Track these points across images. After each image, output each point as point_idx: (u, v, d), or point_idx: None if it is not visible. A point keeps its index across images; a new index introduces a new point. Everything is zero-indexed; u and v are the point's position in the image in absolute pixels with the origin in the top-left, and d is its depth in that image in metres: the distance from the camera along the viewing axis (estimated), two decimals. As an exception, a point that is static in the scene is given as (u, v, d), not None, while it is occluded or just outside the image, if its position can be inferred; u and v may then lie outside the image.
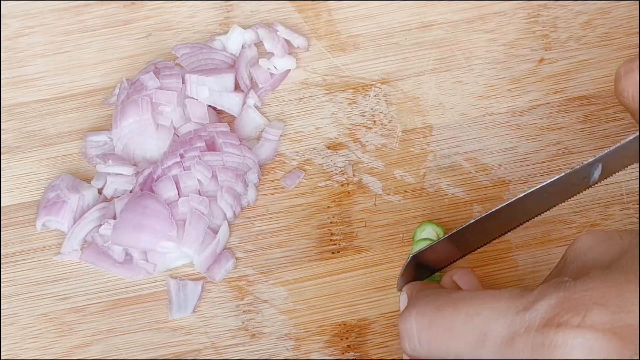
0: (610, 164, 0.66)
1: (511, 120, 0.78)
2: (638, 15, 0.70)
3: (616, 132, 0.77)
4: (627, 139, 0.64)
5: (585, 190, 0.67)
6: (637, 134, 0.64)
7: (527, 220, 0.68)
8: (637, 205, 0.74)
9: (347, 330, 0.71)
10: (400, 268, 0.67)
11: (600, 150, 0.65)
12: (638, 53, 0.70)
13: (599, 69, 0.80)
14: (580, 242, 0.61)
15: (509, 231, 0.68)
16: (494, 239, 0.68)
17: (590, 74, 0.80)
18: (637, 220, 0.73)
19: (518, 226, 0.67)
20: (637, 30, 0.81)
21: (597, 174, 0.66)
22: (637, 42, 0.81)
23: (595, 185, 0.66)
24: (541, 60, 0.81)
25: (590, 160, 0.64)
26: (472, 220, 0.65)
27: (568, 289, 0.55)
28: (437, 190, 0.76)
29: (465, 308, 0.58)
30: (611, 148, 0.64)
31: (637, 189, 0.74)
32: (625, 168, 0.67)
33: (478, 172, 0.76)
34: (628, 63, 0.64)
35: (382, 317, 0.71)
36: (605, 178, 0.66)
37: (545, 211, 0.67)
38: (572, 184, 0.66)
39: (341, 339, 0.71)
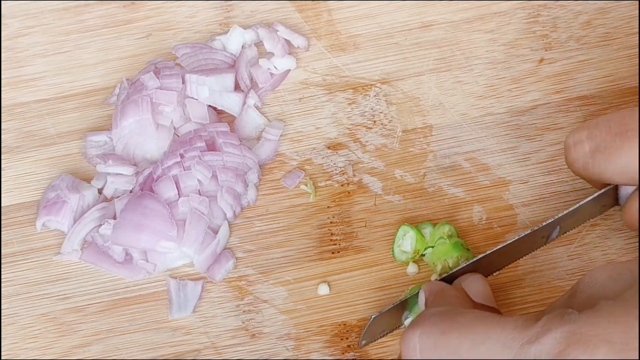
0: (567, 225, 0.70)
1: (511, 120, 0.78)
2: (638, 15, 0.70)
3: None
4: (581, 203, 0.68)
5: (542, 246, 0.71)
6: (587, 199, 0.68)
7: (489, 274, 0.71)
8: (637, 205, 0.74)
9: (347, 330, 0.71)
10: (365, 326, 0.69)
11: (558, 212, 0.68)
12: (638, 53, 0.70)
13: (599, 69, 0.80)
14: (593, 276, 0.59)
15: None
16: None
17: (591, 74, 0.80)
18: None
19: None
20: (637, 30, 0.81)
21: (555, 234, 0.70)
22: (637, 42, 0.81)
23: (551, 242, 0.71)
24: (541, 60, 0.81)
25: (550, 221, 0.68)
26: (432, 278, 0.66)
27: (574, 322, 0.54)
28: (437, 190, 0.76)
29: (471, 335, 0.57)
30: (568, 210, 0.68)
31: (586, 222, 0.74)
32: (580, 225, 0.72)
33: (478, 172, 0.76)
34: (575, 134, 0.66)
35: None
36: (562, 234, 0.71)
37: (504, 267, 0.72)
38: (532, 242, 0.70)
39: (341, 339, 0.71)
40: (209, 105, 0.80)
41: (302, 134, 0.80)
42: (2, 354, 0.72)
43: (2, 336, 0.73)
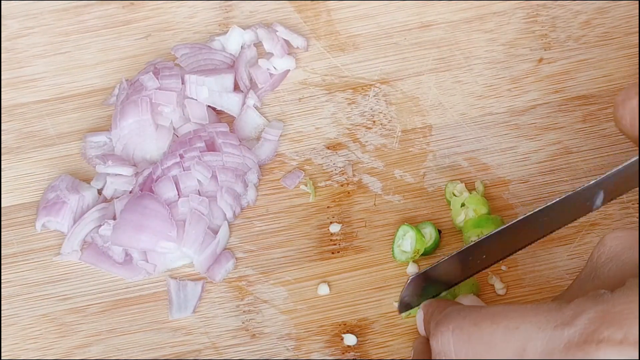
0: (612, 189, 0.66)
1: (511, 119, 0.78)
2: (638, 14, 0.70)
3: (616, 132, 0.77)
4: (627, 162, 0.64)
5: (587, 214, 0.67)
6: (637, 157, 0.64)
7: (529, 244, 0.68)
8: (637, 205, 0.74)
9: (347, 330, 0.71)
10: (401, 290, 0.68)
11: (600, 175, 0.65)
12: (638, 53, 0.70)
13: (598, 68, 0.80)
14: (609, 242, 0.60)
15: (510, 255, 0.68)
16: (495, 262, 0.68)
17: (590, 74, 0.80)
18: (637, 219, 0.73)
19: (519, 250, 0.68)
20: (636, 29, 0.81)
21: (599, 200, 0.66)
22: (636, 41, 0.81)
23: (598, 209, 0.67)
24: (540, 60, 0.81)
25: (592, 183, 0.64)
26: (471, 243, 0.65)
27: (606, 302, 0.54)
28: (437, 190, 0.76)
29: (504, 322, 0.57)
30: (612, 171, 0.64)
31: (637, 188, 0.74)
32: (627, 192, 0.67)
33: (478, 172, 0.77)
34: (625, 91, 0.64)
35: (383, 317, 0.71)
36: (608, 202, 0.67)
37: (546, 235, 0.68)
38: (574, 207, 0.66)
39: (341, 339, 0.71)
40: (209, 106, 0.80)
41: (301, 134, 0.80)
42: (3, 354, 0.72)
43: (2, 337, 0.73)
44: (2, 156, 0.81)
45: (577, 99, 0.79)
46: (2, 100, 0.83)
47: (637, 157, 0.64)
